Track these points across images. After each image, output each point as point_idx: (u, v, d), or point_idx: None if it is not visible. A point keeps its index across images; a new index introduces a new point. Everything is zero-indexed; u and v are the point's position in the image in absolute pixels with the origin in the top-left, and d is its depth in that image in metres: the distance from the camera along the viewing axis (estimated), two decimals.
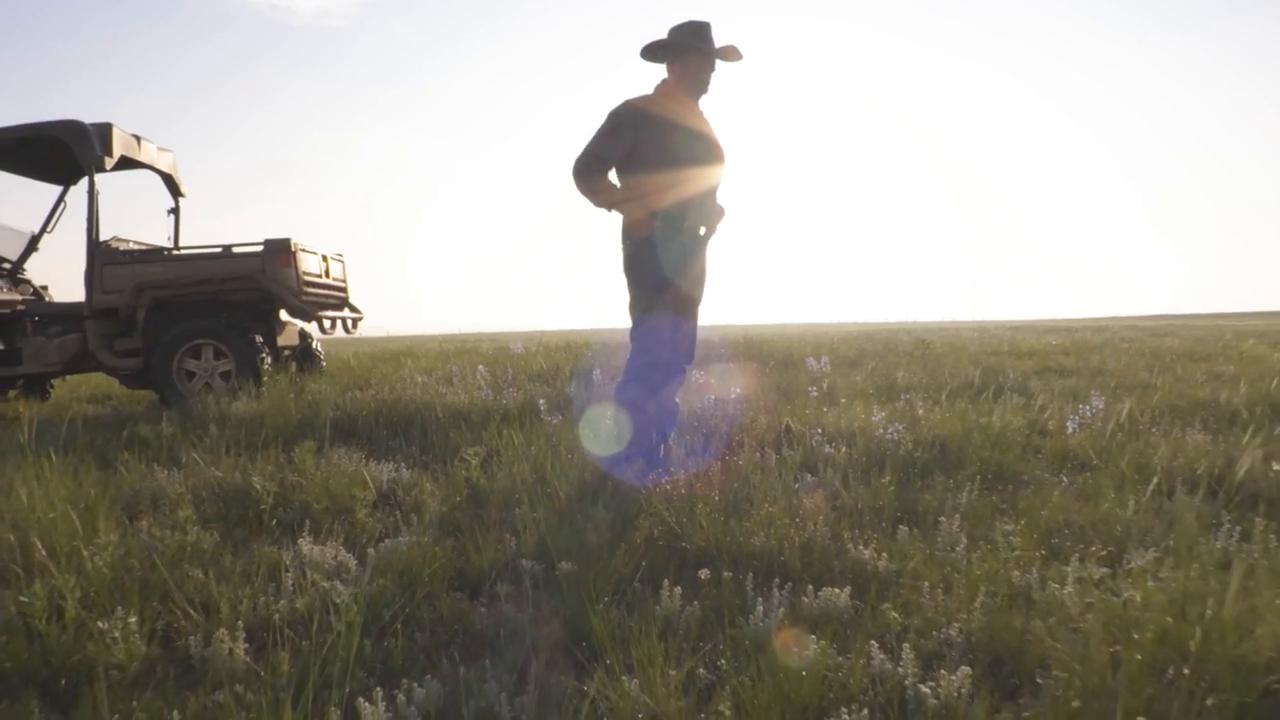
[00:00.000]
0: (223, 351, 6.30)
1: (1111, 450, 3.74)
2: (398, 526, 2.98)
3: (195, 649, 2.00)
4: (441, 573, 2.41)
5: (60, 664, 1.95)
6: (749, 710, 1.59)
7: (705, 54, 3.67)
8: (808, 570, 2.41)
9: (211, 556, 2.59)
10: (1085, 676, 1.58)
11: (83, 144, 6.29)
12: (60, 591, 2.13)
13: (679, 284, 3.63)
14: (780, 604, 2.09)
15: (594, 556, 2.45)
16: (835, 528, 2.71)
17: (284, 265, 6.29)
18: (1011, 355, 10.11)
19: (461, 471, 3.48)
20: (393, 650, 1.98)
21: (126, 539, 2.65)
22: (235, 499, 3.27)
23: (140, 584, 2.28)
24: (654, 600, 2.17)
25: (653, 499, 2.95)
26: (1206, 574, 2.02)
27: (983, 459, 3.71)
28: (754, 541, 2.57)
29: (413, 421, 4.73)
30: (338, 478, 3.44)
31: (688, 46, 3.65)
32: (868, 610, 2.06)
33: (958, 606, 2.03)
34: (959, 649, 1.87)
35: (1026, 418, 4.64)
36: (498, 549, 2.59)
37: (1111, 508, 2.83)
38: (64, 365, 6.60)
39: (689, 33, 3.67)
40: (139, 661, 1.95)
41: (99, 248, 6.40)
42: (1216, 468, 3.33)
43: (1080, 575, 2.13)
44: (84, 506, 2.86)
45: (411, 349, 13.14)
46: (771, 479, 3.14)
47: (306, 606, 2.18)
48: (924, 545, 2.54)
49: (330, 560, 2.55)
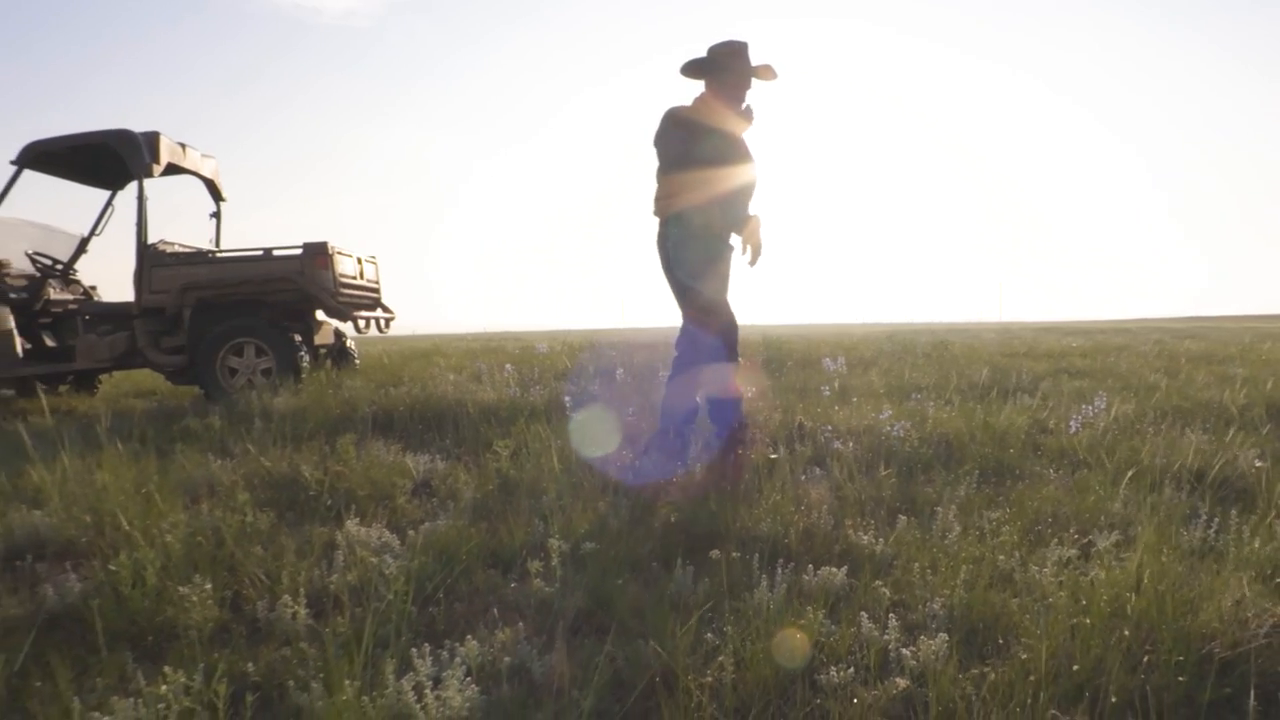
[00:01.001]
0: (263, 349, 6.60)
1: (1106, 448, 3.93)
2: (435, 511, 3.24)
3: (262, 612, 2.26)
4: (477, 551, 2.67)
5: (145, 624, 2.22)
6: (748, 664, 1.82)
7: (741, 73, 3.82)
8: (809, 553, 2.64)
9: (269, 535, 2.86)
10: (1047, 640, 1.81)
11: (133, 152, 6.62)
12: (142, 563, 2.41)
13: (704, 287, 3.80)
14: (782, 580, 2.31)
15: (614, 538, 2.70)
16: (837, 516, 2.94)
17: (321, 267, 6.58)
18: (1028, 357, 10.23)
19: (492, 462, 3.74)
20: (436, 616, 2.24)
21: (193, 519, 2.92)
22: (284, 486, 3.55)
23: (209, 558, 2.55)
24: (668, 576, 2.41)
25: (669, 489, 3.19)
26: (1171, 557, 2.23)
27: (983, 455, 3.92)
28: (761, 527, 2.81)
29: (445, 417, 4.99)
30: (378, 467, 3.71)
31: (724, 66, 3.81)
32: (861, 586, 2.29)
33: (942, 584, 2.25)
34: (940, 620, 2.09)
35: (1031, 417, 4.83)
36: (527, 531, 2.84)
37: (1097, 500, 3.04)
38: (114, 362, 6.94)
39: (726, 52, 3.83)
40: (213, 623, 2.21)
41: (148, 250, 6.73)
42: (1200, 465, 3.51)
43: (1059, 557, 2.35)
44: (147, 491, 3.15)
45: (439, 348, 13.44)
46: (781, 472, 3.37)
47: (358, 578, 2.44)
48: (919, 532, 2.76)
49: (376, 540, 2.80)
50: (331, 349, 7.79)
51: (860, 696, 1.72)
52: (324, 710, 1.71)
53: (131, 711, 1.65)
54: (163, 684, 1.72)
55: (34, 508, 3.26)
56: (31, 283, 7.27)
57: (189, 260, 6.92)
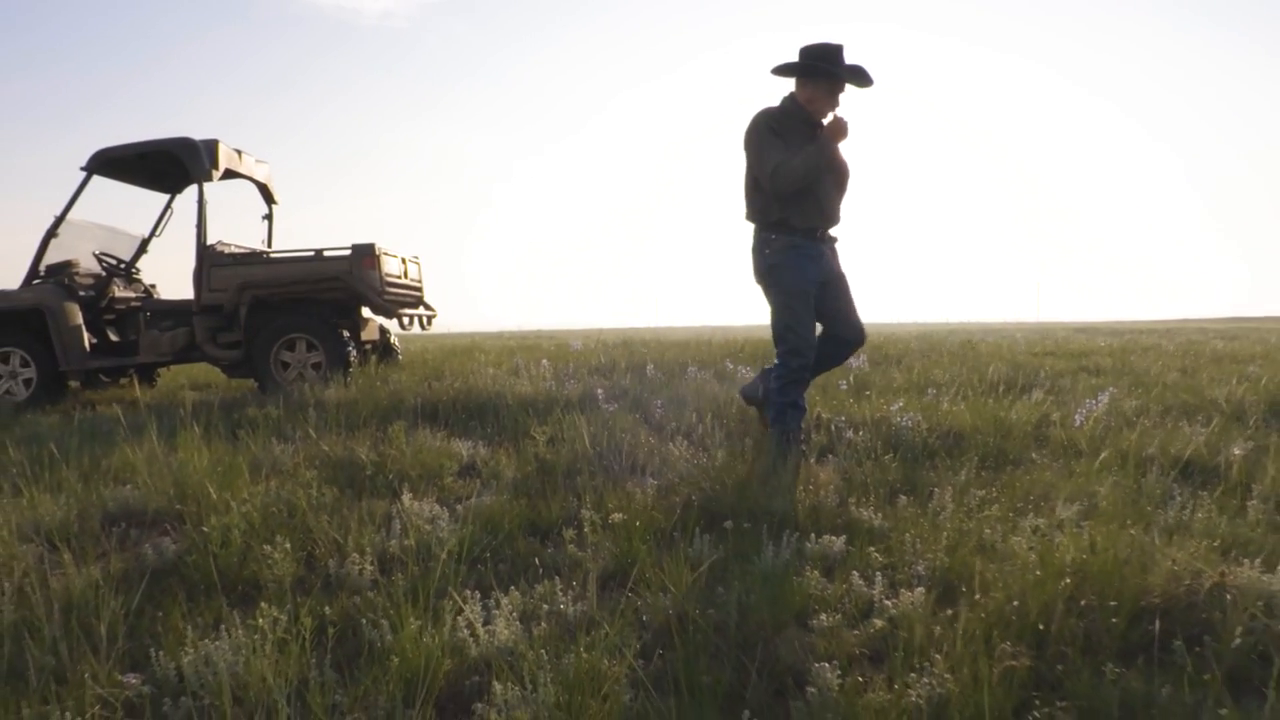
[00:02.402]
0: (314, 344, 7.00)
1: (1102, 439, 4.17)
2: (480, 489, 3.58)
3: (334, 569, 2.61)
4: (518, 521, 3.00)
5: (234, 577, 2.58)
6: (750, 610, 2.13)
7: (833, 77, 3.86)
8: (814, 525, 2.93)
9: (334, 507, 3.21)
10: (1004, 590, 2.10)
11: (194, 159, 7.05)
12: (229, 526, 2.77)
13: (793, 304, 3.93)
14: (787, 547, 2.62)
15: (640, 512, 3.02)
16: (843, 495, 3.24)
17: (369, 267, 6.97)
18: (1053, 356, 10.37)
19: (531, 448, 4.08)
20: (483, 573, 2.57)
21: (266, 492, 3.29)
22: (342, 467, 3.91)
23: (284, 524, 2.91)
24: (686, 542, 2.72)
25: (693, 470, 3.50)
26: (1133, 528, 2.51)
27: (987, 445, 4.18)
28: (774, 504, 3.11)
29: (486, 407, 5.34)
30: (427, 451, 4.06)
31: (816, 70, 3.86)
32: (856, 552, 2.59)
33: (927, 550, 2.55)
34: (922, 579, 2.38)
35: (1041, 411, 5.07)
36: (563, 506, 3.17)
37: (1082, 482, 3.30)
38: (174, 355, 7.39)
39: (817, 56, 3.87)
40: (291, 577, 2.57)
41: (207, 251, 7.16)
42: (1187, 454, 3.76)
43: (1030, 526, 2.63)
44: (223, 469, 3.53)
45: (478, 345, 13.85)
46: (796, 456, 3.66)
47: (415, 542, 2.78)
48: (915, 509, 3.05)
49: (428, 512, 3.14)
50: (377, 345, 8.19)
51: (844, 635, 2.02)
52: (393, 643, 2.04)
53: (238, 639, 2.00)
54: (259, 618, 2.07)
55: (121, 484, 3.66)
56: (98, 281, 7.75)
57: (245, 260, 7.35)
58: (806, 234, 3.95)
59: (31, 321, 7.18)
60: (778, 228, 3.95)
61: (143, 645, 2.11)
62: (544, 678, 1.75)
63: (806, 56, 3.89)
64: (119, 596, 2.29)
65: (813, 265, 3.96)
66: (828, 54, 3.88)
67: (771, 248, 3.97)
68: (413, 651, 1.94)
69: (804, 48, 3.90)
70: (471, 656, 2.01)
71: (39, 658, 2.01)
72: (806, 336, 3.99)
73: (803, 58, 3.89)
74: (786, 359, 3.96)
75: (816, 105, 3.91)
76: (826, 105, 3.92)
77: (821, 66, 3.84)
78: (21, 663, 2.01)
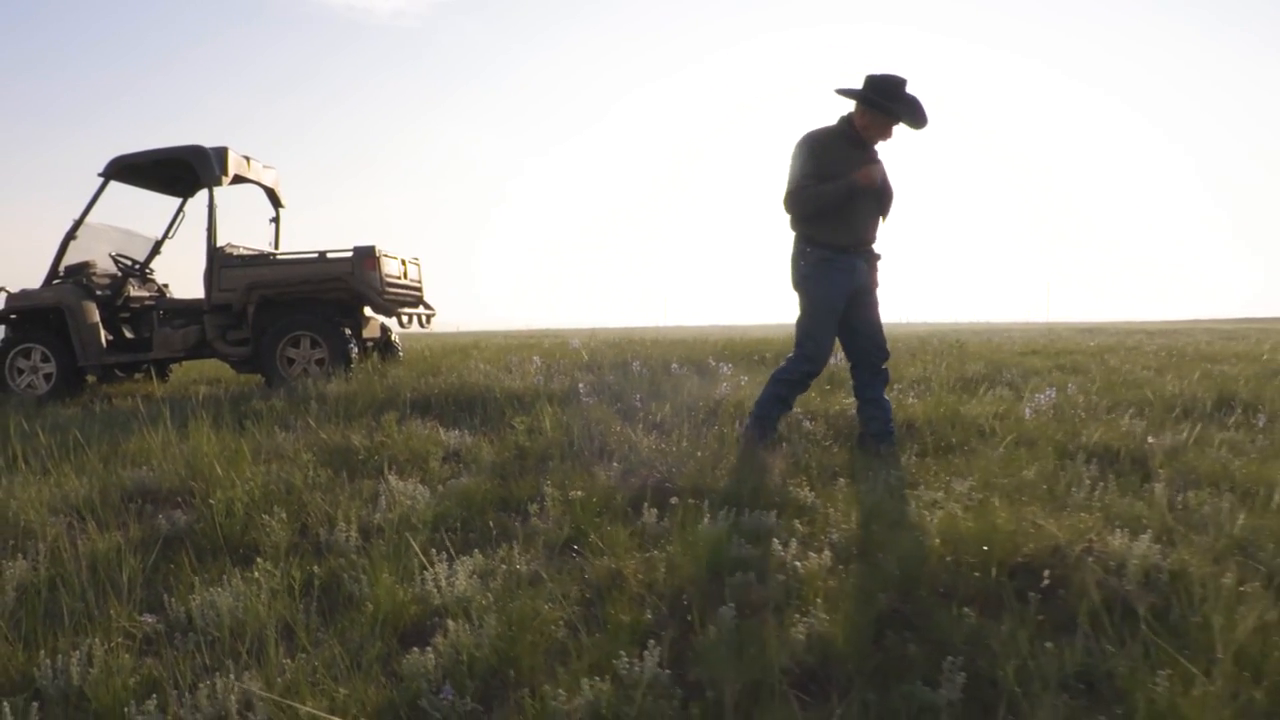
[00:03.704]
0: (318, 341, 7.38)
1: (1045, 430, 4.50)
2: (460, 472, 3.94)
3: (324, 536, 2.98)
4: (489, 498, 3.36)
5: (236, 542, 2.94)
6: (678, 567, 2.48)
7: (889, 113, 4.02)
8: (754, 503, 3.27)
9: (327, 486, 3.58)
10: (896, 552, 2.44)
11: (204, 165, 7.45)
12: (232, 500, 3.14)
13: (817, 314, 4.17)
14: (724, 520, 2.96)
15: (601, 492, 3.37)
16: (785, 477, 3.58)
17: (370, 268, 7.35)
18: (1038, 355, 10.67)
19: (510, 436, 4.44)
20: (454, 540, 2.92)
21: (267, 472, 3.66)
22: (338, 452, 4.27)
23: (282, 499, 3.28)
24: (636, 517, 3.07)
25: (653, 455, 3.85)
26: (1032, 504, 2.85)
27: (936, 434, 4.51)
28: (721, 484, 3.46)
29: (476, 400, 5.70)
30: (416, 439, 4.43)
31: (873, 102, 4.01)
32: (784, 524, 2.94)
33: (843, 520, 2.89)
34: (835, 545, 2.73)
35: (998, 405, 5.40)
36: (531, 485, 3.52)
37: (1008, 466, 3.64)
38: (186, 352, 7.79)
39: (879, 89, 4.00)
40: (286, 542, 2.93)
41: (217, 253, 7.55)
42: (1116, 443, 4.09)
43: (929, 499, 2.98)
44: (230, 453, 3.90)
45: (479, 343, 14.24)
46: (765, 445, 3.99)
47: (396, 515, 3.14)
48: (850, 490, 3.39)
49: (411, 491, 3.50)
50: (378, 342, 8.57)
51: (752, 588, 2.37)
52: (369, 593, 2.40)
53: (238, 588, 2.36)
54: (256, 572, 2.43)
55: (138, 466, 4.04)
56: (114, 281, 8.16)
57: (253, 262, 7.74)
58: (840, 248, 4.15)
59: (52, 319, 7.60)
60: (812, 240, 4.19)
61: (158, 593, 2.48)
62: (489, 618, 2.11)
63: (870, 86, 4.03)
64: (137, 556, 2.66)
65: (844, 278, 4.16)
66: (889, 89, 4.02)
67: (807, 259, 4.20)
68: (385, 599, 2.30)
69: (870, 76, 4.04)
70: (435, 604, 2.37)
71: (70, 603, 2.38)
72: (823, 346, 4.21)
73: (866, 86, 4.03)
74: (798, 361, 4.22)
75: (870, 133, 4.10)
76: (880, 135, 4.11)
77: (878, 101, 4.00)
78: (56, 607, 2.38)
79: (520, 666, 1.94)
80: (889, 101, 4.02)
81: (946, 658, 1.85)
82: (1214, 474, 3.60)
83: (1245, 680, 1.78)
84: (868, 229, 4.27)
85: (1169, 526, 2.85)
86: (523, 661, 1.96)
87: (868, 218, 4.25)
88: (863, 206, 4.19)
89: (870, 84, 4.05)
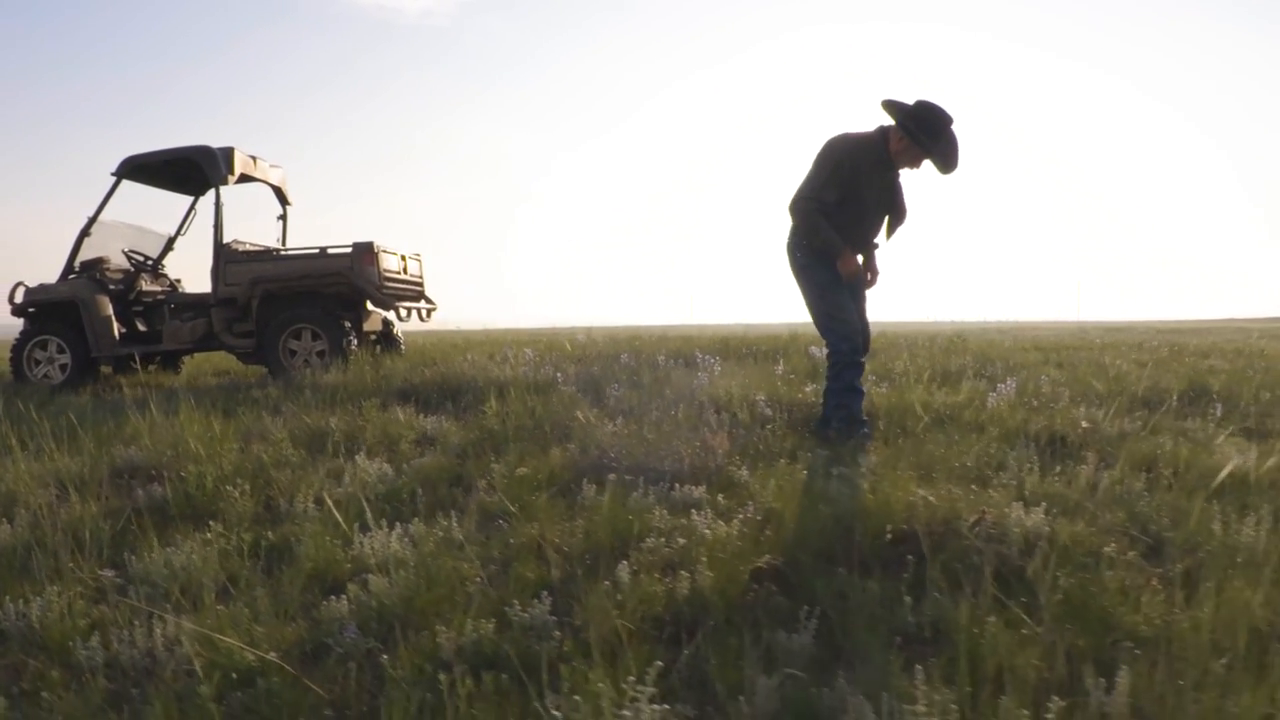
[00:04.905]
0: (318, 334, 7.67)
1: (1002, 419, 4.66)
2: (428, 453, 4.17)
3: (284, 506, 3.21)
4: (445, 475, 3.59)
5: (204, 511, 3.19)
6: (592, 533, 2.69)
7: (924, 149, 4.04)
8: (696, 481, 3.47)
9: (299, 464, 3.82)
10: (797, 522, 2.63)
11: (211, 164, 7.75)
12: (204, 474, 3.39)
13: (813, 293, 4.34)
14: (657, 495, 3.16)
15: (551, 469, 3.58)
16: (728, 458, 3.77)
17: (368, 264, 7.61)
18: (1037, 350, 10.76)
19: (480, 420, 4.66)
20: (404, 511, 3.15)
21: (244, 451, 3.91)
22: (316, 435, 4.52)
23: (251, 474, 3.52)
24: (577, 492, 3.28)
25: (605, 437, 4.06)
26: (936, 478, 3.02)
27: (895, 422, 4.68)
28: (665, 464, 3.66)
29: (462, 389, 5.94)
30: (393, 423, 4.66)
31: (911, 133, 4.03)
32: (710, 497, 3.13)
33: (759, 492, 3.08)
34: (748, 516, 2.92)
35: (968, 396, 5.55)
36: (486, 464, 3.74)
37: (950, 451, 3.80)
38: (194, 344, 8.11)
39: (920, 122, 4.02)
40: (250, 512, 3.17)
41: (223, 249, 7.86)
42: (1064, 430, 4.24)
43: (840, 474, 3.16)
44: (211, 436, 4.15)
45: (492, 338, 14.55)
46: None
47: (355, 490, 3.37)
48: (785, 469, 3.57)
49: (376, 469, 3.74)
50: (381, 335, 8.84)
51: (660, 550, 2.57)
52: (310, 552, 2.63)
53: (192, 548, 2.60)
54: (210, 534, 2.67)
55: (127, 446, 4.31)
56: (126, 276, 8.50)
57: (257, 257, 8.04)
58: None
59: (67, 313, 7.95)
60: (808, 241, 4.32)
61: (122, 554, 2.72)
62: (402, 572, 2.33)
63: (914, 116, 4.03)
64: (109, 521, 2.91)
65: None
66: (932, 125, 4.02)
67: (803, 250, 4.36)
68: (318, 557, 2.53)
69: (920, 103, 4.05)
70: (369, 564, 2.59)
71: (44, 560, 2.63)
72: (850, 320, 4.31)
73: (912, 112, 4.04)
74: (837, 345, 4.30)
75: (901, 159, 4.17)
76: (910, 163, 4.18)
77: (916, 134, 4.02)
78: (31, 564, 2.63)
79: (425, 614, 2.16)
80: (928, 138, 4.02)
81: (804, 607, 2.04)
82: (1146, 457, 3.76)
83: (1065, 627, 1.96)
84: (866, 239, 4.38)
85: (1077, 502, 3.03)
86: (428, 610, 2.17)
87: (868, 232, 4.36)
88: (867, 220, 4.29)
89: (916, 113, 4.05)
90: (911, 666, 1.71)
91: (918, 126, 4.03)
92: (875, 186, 4.25)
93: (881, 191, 4.29)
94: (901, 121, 4.08)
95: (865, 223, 4.32)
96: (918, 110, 4.05)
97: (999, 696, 1.61)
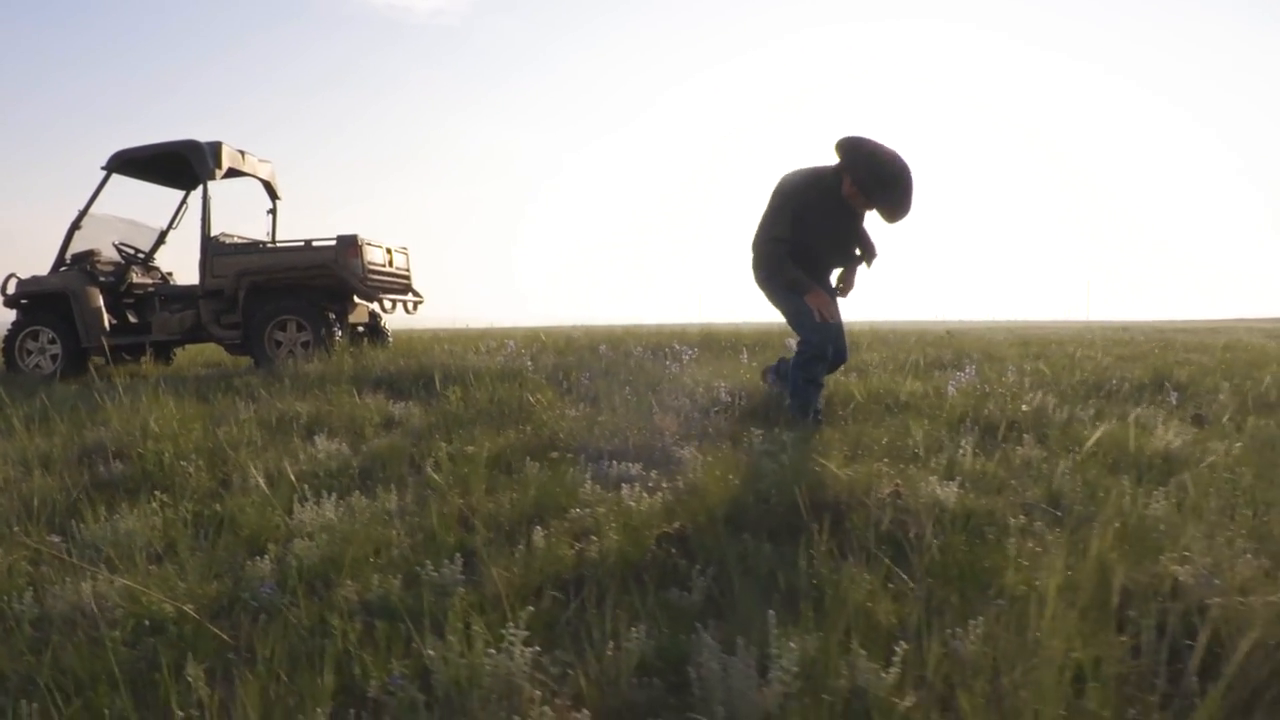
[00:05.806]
0: (303, 325, 7.81)
1: (952, 406, 4.76)
2: (386, 434, 4.29)
3: (237, 481, 3.34)
4: (399, 455, 3.71)
5: (162, 483, 3.31)
6: (519, 504, 2.81)
7: (868, 198, 4.12)
8: (636, 460, 3.58)
9: (260, 446, 3.95)
10: (722, 492, 2.74)
11: (199, 158, 7.90)
12: (162, 452, 3.52)
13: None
14: (594, 472, 3.27)
15: (501, 448, 3.70)
16: (677, 441, 3.88)
17: (352, 256, 7.75)
18: (1023, 345, 10.82)
19: (443, 404, 4.79)
20: (352, 488, 3.27)
21: (207, 434, 4.04)
22: (284, 419, 4.65)
23: (209, 453, 3.65)
24: (521, 469, 3.40)
25: (557, 419, 4.18)
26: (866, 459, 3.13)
27: (855, 407, 4.78)
28: (613, 444, 3.77)
29: (434, 378, 6.06)
30: (360, 408, 4.79)
31: (859, 182, 4.10)
32: (645, 473, 3.24)
33: (689, 472, 3.20)
34: (679, 490, 3.03)
35: (926, 386, 5.65)
36: (438, 445, 3.86)
37: (896, 434, 3.91)
38: (183, 335, 8.26)
39: (871, 171, 4.06)
40: (205, 485, 3.29)
41: (210, 241, 8.00)
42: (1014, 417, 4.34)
43: (764, 450, 3.27)
44: (178, 419, 4.29)
45: (487, 334, 14.67)
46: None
47: (309, 469, 3.50)
48: (734, 451, 3.68)
49: (335, 450, 3.86)
50: (368, 328, 8.98)
51: (581, 520, 2.69)
52: (250, 520, 2.75)
53: (139, 519, 2.73)
54: (152, 503, 2.80)
55: (98, 428, 4.44)
56: (117, 268, 8.66)
57: (244, 250, 8.19)
58: None
59: (58, 304, 8.10)
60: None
61: (71, 522, 2.85)
62: (324, 536, 2.45)
63: (864, 164, 4.07)
64: (63, 494, 3.04)
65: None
66: (879, 176, 4.06)
67: (764, 269, 4.48)
68: (253, 523, 2.65)
69: (870, 153, 4.07)
70: (306, 530, 2.72)
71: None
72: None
73: (862, 158, 4.08)
74: (809, 336, 4.39)
75: (852, 200, 4.25)
76: (859, 207, 4.29)
77: (862, 181, 4.08)
78: None
79: (343, 573, 2.28)
80: (874, 187, 4.10)
81: (695, 567, 2.16)
82: (1082, 439, 3.86)
83: (943, 587, 2.07)
84: (825, 271, 4.52)
85: (1002, 480, 3.13)
86: (346, 570, 2.29)
87: (832, 262, 4.50)
88: (831, 254, 4.44)
89: (866, 161, 4.08)
90: (782, 619, 1.82)
91: (867, 175, 4.08)
92: (831, 219, 4.35)
93: (838, 224, 4.39)
94: (849, 169, 4.14)
95: (825, 257, 4.44)
96: (869, 159, 4.08)
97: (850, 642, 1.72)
